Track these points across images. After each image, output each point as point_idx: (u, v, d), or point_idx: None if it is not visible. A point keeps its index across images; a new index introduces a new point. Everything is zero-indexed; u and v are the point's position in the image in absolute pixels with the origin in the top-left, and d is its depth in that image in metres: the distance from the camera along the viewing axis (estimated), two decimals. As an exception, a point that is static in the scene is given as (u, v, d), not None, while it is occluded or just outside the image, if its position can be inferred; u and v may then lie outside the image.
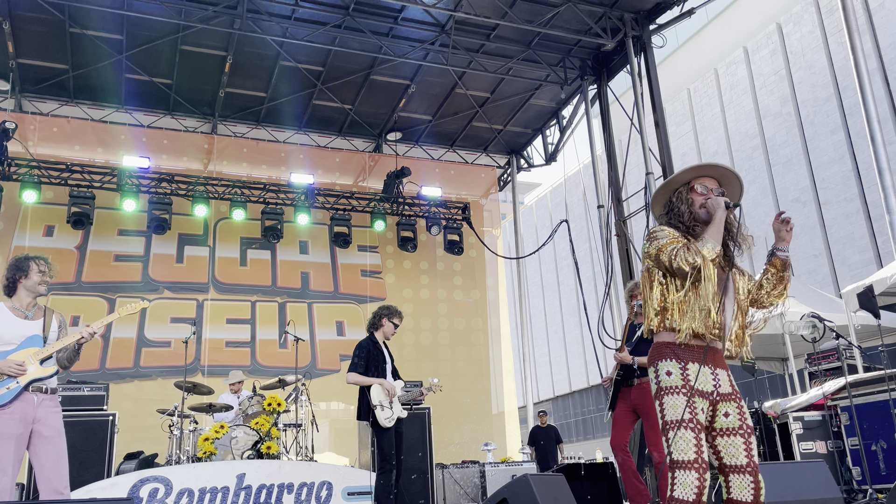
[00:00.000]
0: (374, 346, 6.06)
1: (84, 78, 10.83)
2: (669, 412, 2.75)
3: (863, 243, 20.64)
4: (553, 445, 12.04)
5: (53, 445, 4.21)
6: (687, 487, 2.62)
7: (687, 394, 2.76)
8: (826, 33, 21.92)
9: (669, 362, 2.82)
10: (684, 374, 2.79)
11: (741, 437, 2.78)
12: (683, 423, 2.71)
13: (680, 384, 2.78)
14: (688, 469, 2.64)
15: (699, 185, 3.02)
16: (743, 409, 2.83)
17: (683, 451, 2.68)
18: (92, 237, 10.87)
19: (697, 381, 2.79)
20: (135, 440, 8.32)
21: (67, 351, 4.49)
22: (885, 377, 7.09)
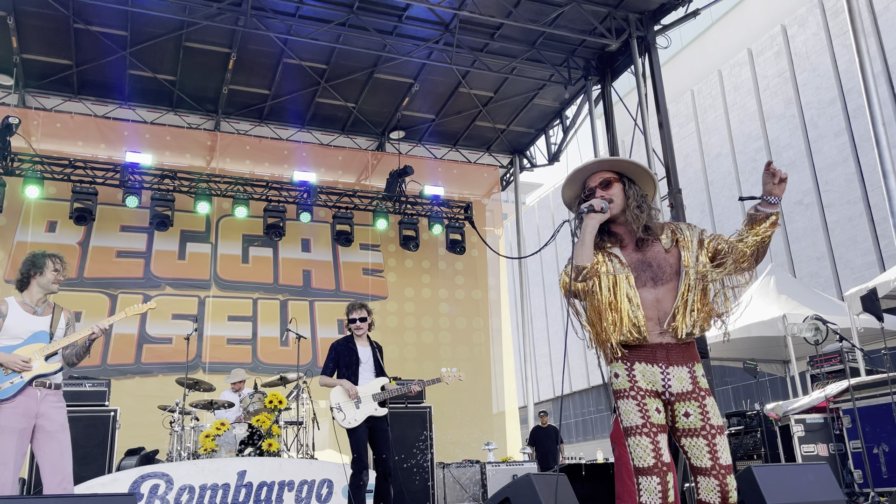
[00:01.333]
0: (346, 346, 6.00)
1: (88, 74, 10.83)
2: (624, 418, 2.70)
3: (866, 246, 20.62)
4: (553, 445, 12.04)
5: (57, 440, 4.21)
6: (652, 494, 2.60)
7: (636, 396, 2.70)
8: (831, 35, 21.89)
9: (617, 363, 2.76)
10: (631, 374, 2.73)
11: (703, 438, 2.67)
12: (637, 429, 2.66)
13: (627, 387, 2.71)
14: (648, 475, 2.62)
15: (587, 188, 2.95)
16: (706, 409, 2.69)
17: (642, 457, 2.64)
18: (94, 233, 10.87)
19: (646, 381, 2.71)
20: (136, 436, 8.32)
21: (77, 347, 4.50)
22: (887, 380, 7.08)
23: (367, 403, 5.84)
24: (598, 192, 2.88)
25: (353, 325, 6.03)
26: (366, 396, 5.85)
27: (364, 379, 5.93)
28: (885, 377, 7.14)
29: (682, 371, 2.73)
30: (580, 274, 2.75)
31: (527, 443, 12.16)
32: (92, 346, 4.53)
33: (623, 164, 2.92)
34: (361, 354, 6.00)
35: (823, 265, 21.81)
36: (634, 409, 2.69)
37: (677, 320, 2.72)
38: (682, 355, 2.75)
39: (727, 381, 23.09)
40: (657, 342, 2.74)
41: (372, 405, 5.83)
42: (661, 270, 2.78)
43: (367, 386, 5.90)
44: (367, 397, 5.85)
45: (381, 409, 5.87)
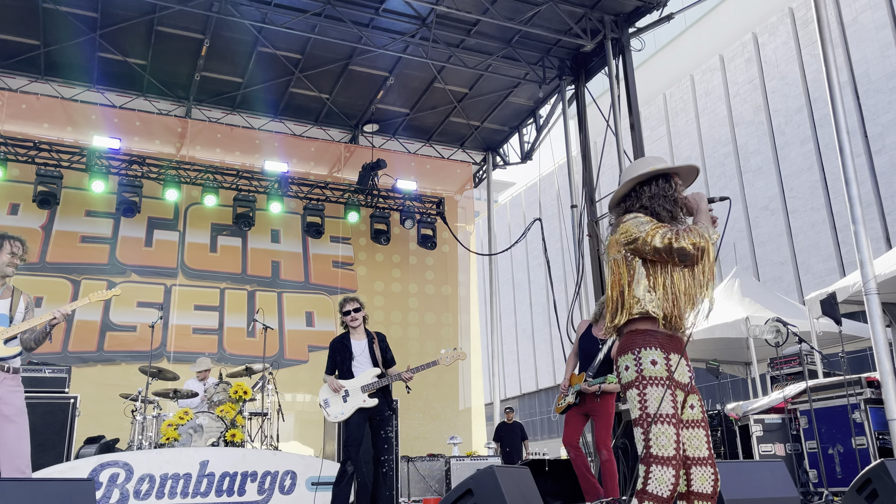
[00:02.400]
0: (340, 343, 6.01)
1: (55, 55, 10.61)
2: (652, 404, 2.69)
3: (827, 252, 21.08)
4: (518, 442, 12.11)
5: (14, 424, 4.15)
6: (662, 484, 2.60)
7: (671, 386, 2.72)
8: (800, 45, 22.32)
9: (654, 351, 2.76)
10: (668, 364, 2.75)
11: (702, 429, 2.80)
12: (667, 418, 2.67)
13: (664, 375, 2.72)
14: (666, 465, 2.62)
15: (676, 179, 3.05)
16: (702, 402, 2.87)
17: (664, 446, 2.64)
18: (58, 217, 10.67)
19: (678, 373, 2.77)
20: (96, 425, 8.19)
21: (36, 332, 4.42)
22: (844, 383, 7.26)
23: (356, 396, 5.82)
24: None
25: (348, 317, 6.02)
26: (354, 389, 5.84)
27: (359, 371, 5.94)
28: (842, 380, 7.31)
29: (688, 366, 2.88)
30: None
31: (492, 439, 12.23)
32: (52, 331, 4.45)
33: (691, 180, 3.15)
34: (354, 349, 6.00)
35: (787, 270, 22.25)
36: (669, 398, 2.70)
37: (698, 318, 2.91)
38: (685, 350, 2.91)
39: (690, 381, 23.41)
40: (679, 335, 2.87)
41: (361, 397, 5.82)
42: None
43: (358, 378, 5.90)
44: (356, 390, 5.84)
45: (371, 400, 5.83)
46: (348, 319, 6.02)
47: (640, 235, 2.81)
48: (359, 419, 5.79)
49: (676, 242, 2.74)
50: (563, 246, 26.59)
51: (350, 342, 6.02)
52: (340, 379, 5.91)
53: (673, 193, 2.97)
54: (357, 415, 5.79)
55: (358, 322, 6.05)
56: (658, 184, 2.97)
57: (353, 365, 5.94)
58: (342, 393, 5.81)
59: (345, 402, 5.80)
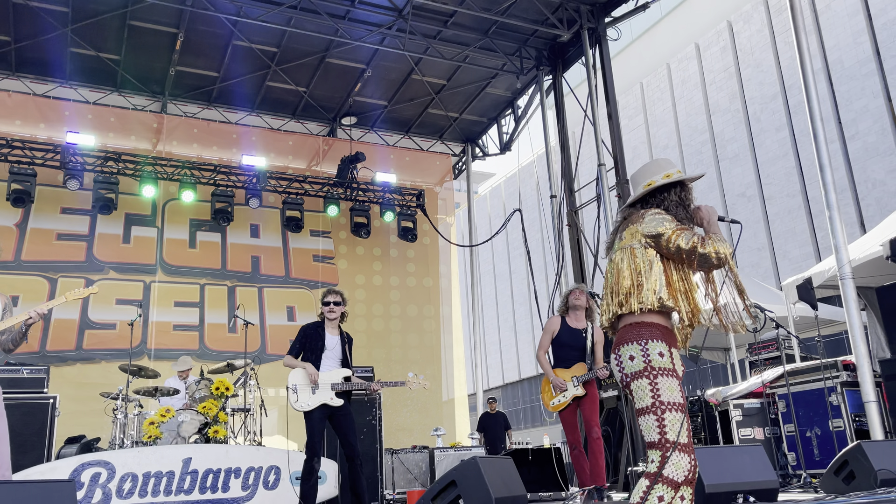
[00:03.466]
0: (315, 331, 5.97)
1: (27, 51, 10.43)
2: (666, 393, 2.79)
3: (803, 238, 21.35)
4: (502, 431, 12.17)
5: None
6: (680, 469, 2.70)
7: (678, 377, 2.84)
8: (774, 32, 22.51)
9: (660, 343, 2.85)
10: (672, 357, 2.86)
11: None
12: (681, 407, 2.78)
13: (670, 367, 2.83)
14: (684, 452, 2.73)
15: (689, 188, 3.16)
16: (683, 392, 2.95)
17: (682, 434, 2.75)
18: (33, 215, 10.53)
19: (678, 366, 2.89)
20: (76, 424, 8.12)
21: (13, 333, 4.36)
22: (820, 366, 7.38)
23: (324, 391, 5.80)
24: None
25: (327, 307, 5.97)
26: (324, 384, 5.81)
27: (326, 367, 5.89)
28: (819, 363, 7.43)
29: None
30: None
31: (475, 429, 12.28)
32: (29, 331, 4.40)
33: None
34: (328, 342, 5.96)
35: (764, 256, 22.51)
36: (677, 388, 2.82)
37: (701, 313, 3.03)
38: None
39: (671, 368, 23.67)
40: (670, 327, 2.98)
41: (328, 394, 5.79)
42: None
43: (328, 374, 5.87)
44: (326, 385, 5.81)
45: (337, 400, 5.80)
46: (326, 310, 5.98)
47: (665, 232, 2.91)
48: (321, 414, 5.77)
49: (702, 248, 2.86)
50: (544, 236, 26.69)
51: (325, 332, 5.98)
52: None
53: (689, 203, 3.11)
54: (320, 409, 5.77)
55: (335, 315, 6.01)
56: (677, 191, 3.11)
57: (322, 357, 5.90)
58: (313, 385, 5.79)
59: (312, 394, 5.76)
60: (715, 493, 4.45)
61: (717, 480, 4.47)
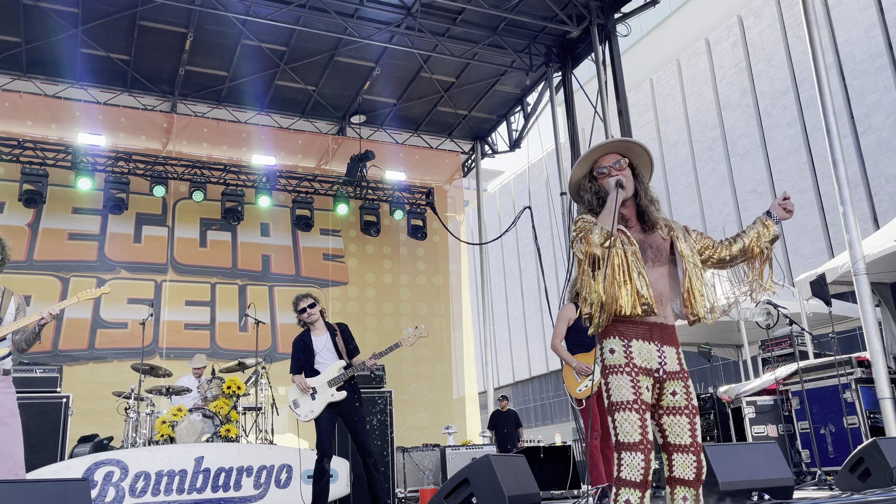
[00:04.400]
0: (301, 342, 5.99)
1: (37, 52, 10.49)
2: (615, 393, 2.74)
3: (816, 234, 21.20)
4: (513, 429, 12.15)
5: (7, 426, 4.12)
6: (633, 469, 2.65)
7: (630, 373, 2.75)
8: (785, 27, 22.34)
9: (613, 339, 2.81)
10: (627, 351, 2.78)
11: (686, 416, 2.79)
12: (628, 405, 2.71)
13: (623, 362, 2.76)
14: (633, 451, 2.66)
15: (598, 169, 3.02)
16: (689, 389, 2.84)
17: (629, 433, 2.68)
18: (45, 215, 10.58)
19: (642, 359, 2.78)
20: (89, 424, 8.16)
21: (26, 333, 4.39)
22: (834, 363, 7.31)
23: (324, 392, 5.80)
24: (613, 172, 2.96)
25: (304, 314, 5.98)
26: (321, 385, 5.82)
27: (323, 367, 5.92)
28: (833, 360, 7.37)
29: (671, 351, 2.85)
30: (606, 239, 2.80)
31: (486, 427, 12.26)
32: (42, 331, 4.42)
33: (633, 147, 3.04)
34: (316, 345, 5.97)
35: (776, 252, 22.35)
36: (628, 384, 2.74)
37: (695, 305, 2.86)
38: (672, 337, 2.88)
39: (682, 365, 23.58)
40: (653, 321, 2.84)
41: (329, 392, 5.80)
42: (660, 254, 2.92)
43: (323, 375, 5.88)
44: (323, 386, 5.82)
45: (339, 394, 5.81)
46: (304, 317, 5.98)
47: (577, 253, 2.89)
48: (329, 414, 5.79)
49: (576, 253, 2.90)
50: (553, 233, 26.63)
51: (311, 340, 5.99)
52: (307, 377, 5.90)
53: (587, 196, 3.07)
54: (327, 410, 5.78)
55: (315, 317, 6.01)
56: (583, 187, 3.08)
57: (315, 362, 5.92)
58: (310, 392, 5.80)
59: (313, 400, 5.80)
60: (729, 491, 4.42)
61: (731, 478, 4.43)
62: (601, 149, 3.02)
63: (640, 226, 2.97)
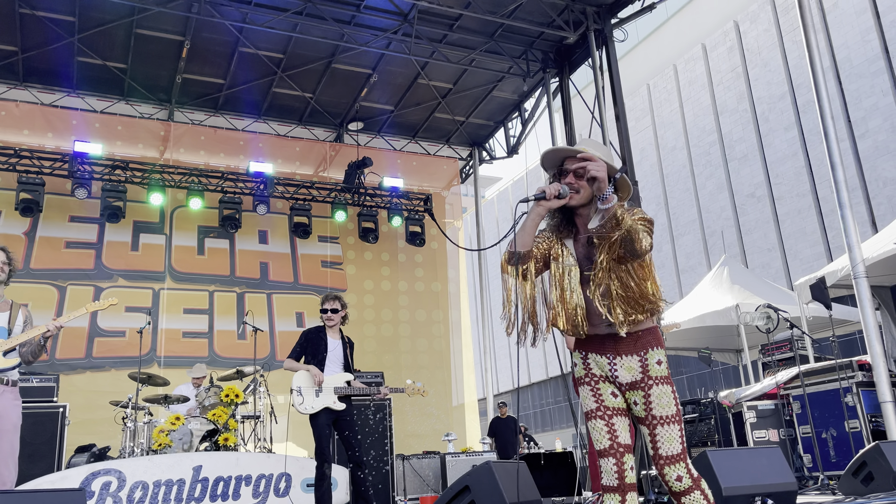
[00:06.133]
0: (316, 335, 6.00)
1: (33, 60, 10.47)
2: (584, 404, 2.80)
3: (814, 238, 21.20)
4: (513, 436, 12.10)
5: (6, 439, 4.10)
6: (609, 474, 2.67)
7: (590, 382, 2.78)
8: (781, 31, 22.40)
9: (575, 353, 2.85)
10: (586, 363, 2.82)
11: (646, 426, 2.71)
12: (591, 413, 2.75)
13: (583, 374, 2.81)
14: (606, 456, 2.69)
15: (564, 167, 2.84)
16: (650, 398, 2.68)
17: (598, 440, 2.72)
18: (41, 223, 10.55)
19: (598, 368, 2.78)
20: (86, 433, 8.11)
21: (32, 345, 4.39)
22: (835, 367, 7.29)
23: (327, 395, 5.79)
24: (570, 177, 2.76)
25: (325, 315, 6.01)
26: (328, 388, 5.81)
27: (329, 371, 5.91)
28: (834, 364, 7.34)
29: (631, 360, 2.73)
30: (512, 258, 2.70)
31: (486, 434, 12.21)
32: (48, 343, 4.41)
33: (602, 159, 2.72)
34: (330, 345, 5.99)
35: (774, 256, 22.36)
36: (589, 394, 2.78)
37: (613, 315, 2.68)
38: (634, 345, 2.74)
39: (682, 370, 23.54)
40: (605, 333, 2.77)
41: (331, 397, 5.79)
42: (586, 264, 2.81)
43: (331, 378, 5.86)
44: (329, 389, 5.82)
45: (339, 405, 5.81)
46: (325, 318, 6.02)
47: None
48: (326, 419, 5.78)
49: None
50: (552, 239, 26.55)
51: (326, 336, 6.00)
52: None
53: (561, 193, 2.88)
54: (325, 413, 5.77)
55: (334, 322, 6.04)
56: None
57: (326, 361, 5.92)
58: (317, 387, 5.78)
59: (316, 397, 5.77)
60: (732, 497, 4.39)
61: (734, 483, 4.40)
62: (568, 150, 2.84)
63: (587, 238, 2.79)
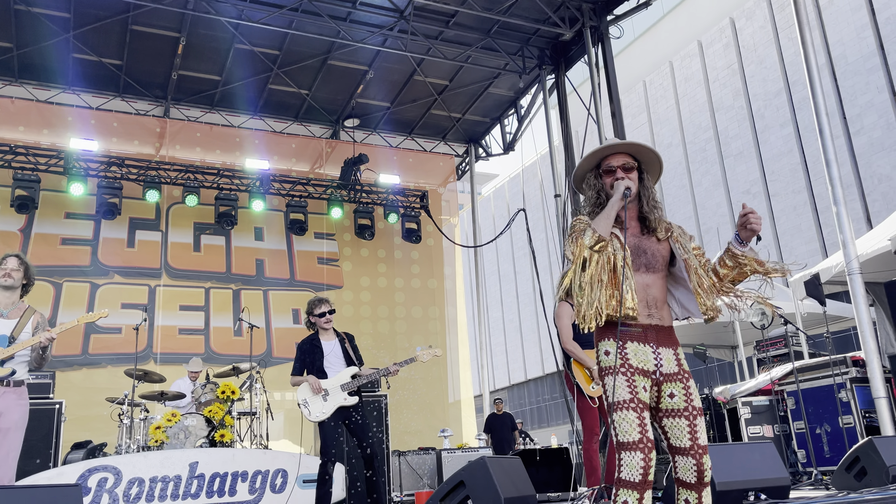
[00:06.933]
0: (309, 344, 6.01)
1: (29, 57, 10.45)
2: (616, 393, 2.73)
3: (809, 234, 21.26)
4: (509, 432, 12.14)
5: (7, 438, 4.12)
6: (633, 469, 2.62)
7: (626, 373, 2.75)
8: (777, 28, 22.43)
9: (608, 342, 2.82)
10: (622, 352, 2.79)
11: (685, 419, 2.76)
12: (624, 404, 2.69)
13: (618, 363, 2.76)
14: (632, 450, 2.64)
15: (606, 165, 3.00)
16: (690, 391, 2.79)
17: (627, 432, 2.66)
18: (37, 220, 10.53)
19: (637, 360, 2.78)
20: (83, 430, 8.11)
21: (34, 353, 4.41)
22: (829, 363, 7.33)
23: (336, 395, 5.81)
24: (619, 173, 2.95)
25: (322, 319, 6.03)
26: (334, 388, 5.83)
27: (332, 372, 5.92)
28: (828, 360, 7.38)
29: (669, 353, 2.84)
30: (597, 243, 2.81)
31: (482, 430, 12.24)
32: (47, 351, 4.46)
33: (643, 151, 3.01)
34: (325, 348, 6.00)
35: (769, 252, 22.42)
36: (624, 384, 2.73)
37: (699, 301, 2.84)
38: (669, 338, 2.87)
39: (678, 367, 23.60)
40: (647, 323, 2.84)
41: (341, 396, 5.82)
42: (654, 259, 2.92)
43: (335, 378, 5.87)
44: (336, 389, 5.84)
45: (352, 399, 5.83)
46: (322, 321, 6.03)
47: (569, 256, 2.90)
48: (336, 419, 5.80)
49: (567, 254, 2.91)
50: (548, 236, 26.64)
51: (320, 342, 6.01)
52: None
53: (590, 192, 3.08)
54: (335, 414, 5.79)
55: (331, 324, 6.09)
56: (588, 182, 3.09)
57: (325, 364, 5.93)
58: (322, 393, 5.80)
59: (325, 402, 5.80)
60: (726, 492, 4.41)
61: (727, 479, 4.42)
62: (612, 147, 3.02)
63: (638, 229, 2.97)
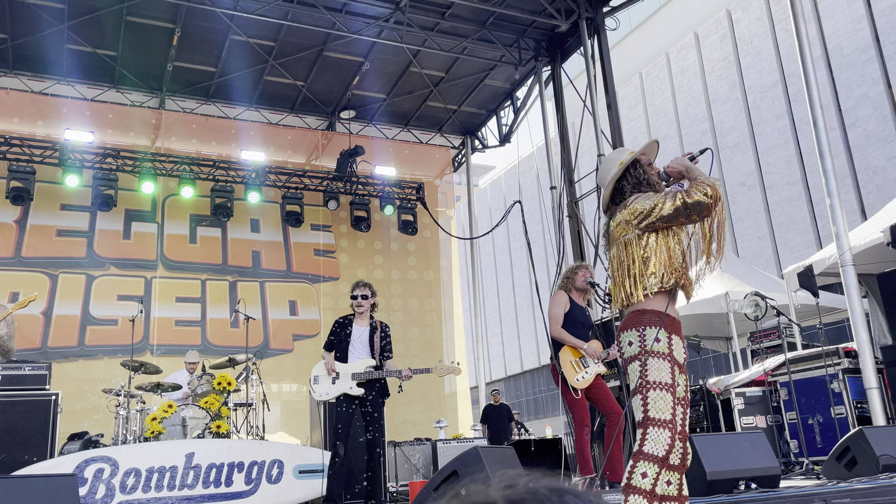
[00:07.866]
0: (342, 323, 6.09)
1: (23, 48, 10.41)
2: (653, 373, 2.82)
3: (804, 226, 21.32)
4: (505, 423, 12.19)
5: None
6: (659, 443, 2.71)
7: (672, 363, 2.87)
8: (773, 20, 22.41)
9: (658, 330, 2.89)
10: (670, 343, 2.90)
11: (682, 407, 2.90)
12: (666, 386, 2.80)
13: (666, 351, 2.87)
14: (663, 427, 2.74)
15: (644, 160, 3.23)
16: (687, 383, 2.97)
17: (662, 410, 2.77)
18: (32, 211, 10.52)
19: (678, 354, 2.92)
20: (79, 421, 8.15)
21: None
22: (822, 354, 7.37)
23: (344, 381, 5.86)
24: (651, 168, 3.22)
25: (355, 301, 6.09)
26: (345, 374, 5.89)
27: (354, 357, 5.97)
28: (820, 351, 7.43)
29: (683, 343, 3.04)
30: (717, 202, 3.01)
31: (479, 420, 12.30)
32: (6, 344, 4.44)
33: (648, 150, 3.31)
34: (354, 332, 6.05)
35: (765, 244, 22.49)
36: (668, 370, 2.85)
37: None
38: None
39: (673, 358, 23.67)
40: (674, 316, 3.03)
41: (348, 383, 5.86)
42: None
43: (351, 365, 5.93)
44: (346, 375, 5.89)
45: (357, 390, 5.87)
46: (354, 304, 6.11)
47: (656, 204, 2.93)
48: (348, 403, 5.85)
49: (690, 198, 2.88)
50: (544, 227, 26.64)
51: (352, 325, 6.07)
52: (337, 359, 5.95)
53: (645, 176, 3.15)
54: (345, 399, 5.84)
55: (363, 309, 6.11)
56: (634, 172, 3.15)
57: (349, 348, 5.99)
58: (333, 375, 5.85)
59: (332, 385, 5.86)
60: (716, 480, 4.46)
61: (718, 467, 4.47)
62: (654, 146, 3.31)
63: None
